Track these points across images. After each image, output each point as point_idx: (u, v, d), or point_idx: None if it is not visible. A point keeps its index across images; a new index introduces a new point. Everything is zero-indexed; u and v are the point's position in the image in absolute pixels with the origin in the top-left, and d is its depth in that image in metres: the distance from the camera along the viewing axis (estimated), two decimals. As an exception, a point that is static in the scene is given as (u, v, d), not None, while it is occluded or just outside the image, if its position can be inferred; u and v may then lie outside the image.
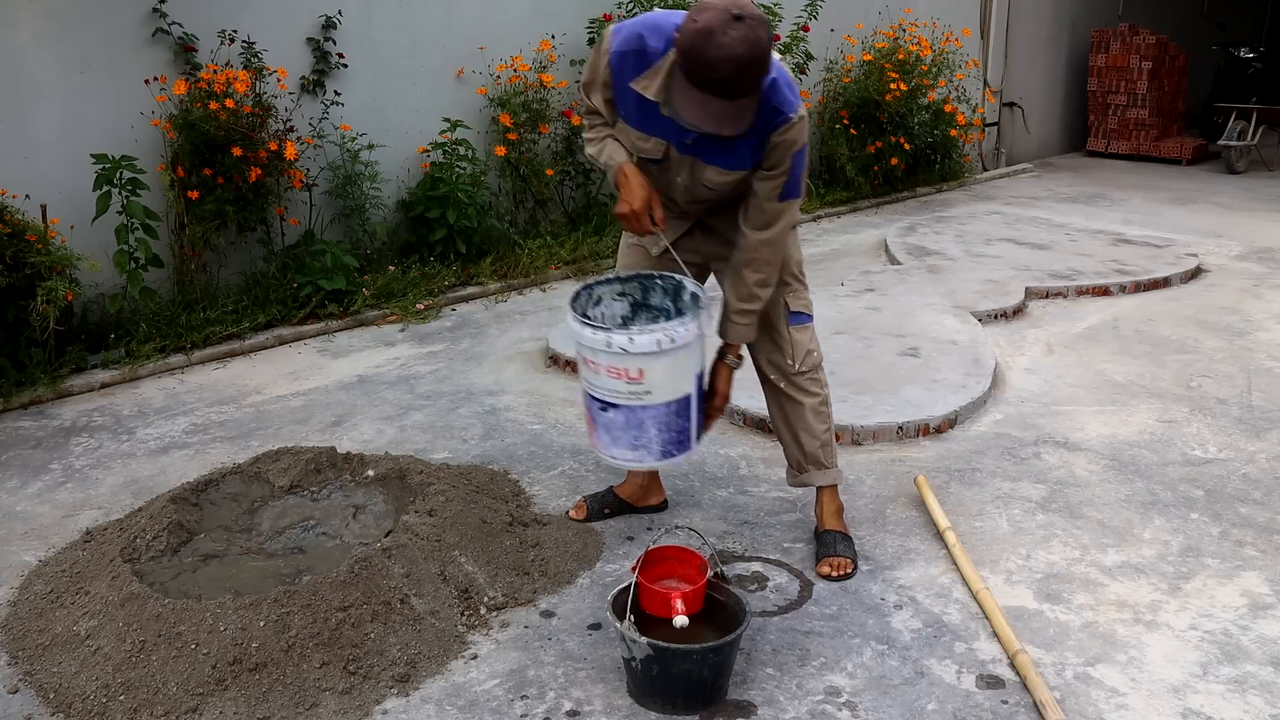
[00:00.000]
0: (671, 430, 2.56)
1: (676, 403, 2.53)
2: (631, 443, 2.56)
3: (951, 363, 4.34)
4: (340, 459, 3.26)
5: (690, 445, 2.63)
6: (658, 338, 2.42)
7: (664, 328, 2.43)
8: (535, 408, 4.05)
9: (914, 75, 7.78)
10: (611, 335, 2.44)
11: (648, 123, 2.53)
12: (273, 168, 4.92)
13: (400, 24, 5.67)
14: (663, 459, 2.59)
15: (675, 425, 2.56)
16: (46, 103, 4.49)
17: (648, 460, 2.59)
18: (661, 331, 2.42)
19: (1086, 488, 3.39)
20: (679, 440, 2.59)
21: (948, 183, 8.78)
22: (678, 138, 2.52)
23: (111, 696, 2.30)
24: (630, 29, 2.48)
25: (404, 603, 2.57)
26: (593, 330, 2.47)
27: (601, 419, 2.58)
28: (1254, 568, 2.92)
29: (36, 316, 4.05)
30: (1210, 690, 2.40)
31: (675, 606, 2.35)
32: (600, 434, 2.62)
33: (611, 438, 2.58)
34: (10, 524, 3.16)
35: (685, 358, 2.50)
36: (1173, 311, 5.30)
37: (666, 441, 2.56)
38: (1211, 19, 12.37)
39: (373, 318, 5.14)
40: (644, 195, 2.55)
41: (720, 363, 2.76)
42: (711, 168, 2.56)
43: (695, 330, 2.48)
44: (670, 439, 2.57)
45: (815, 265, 6.25)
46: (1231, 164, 9.69)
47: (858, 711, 2.32)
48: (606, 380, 2.50)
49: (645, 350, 2.42)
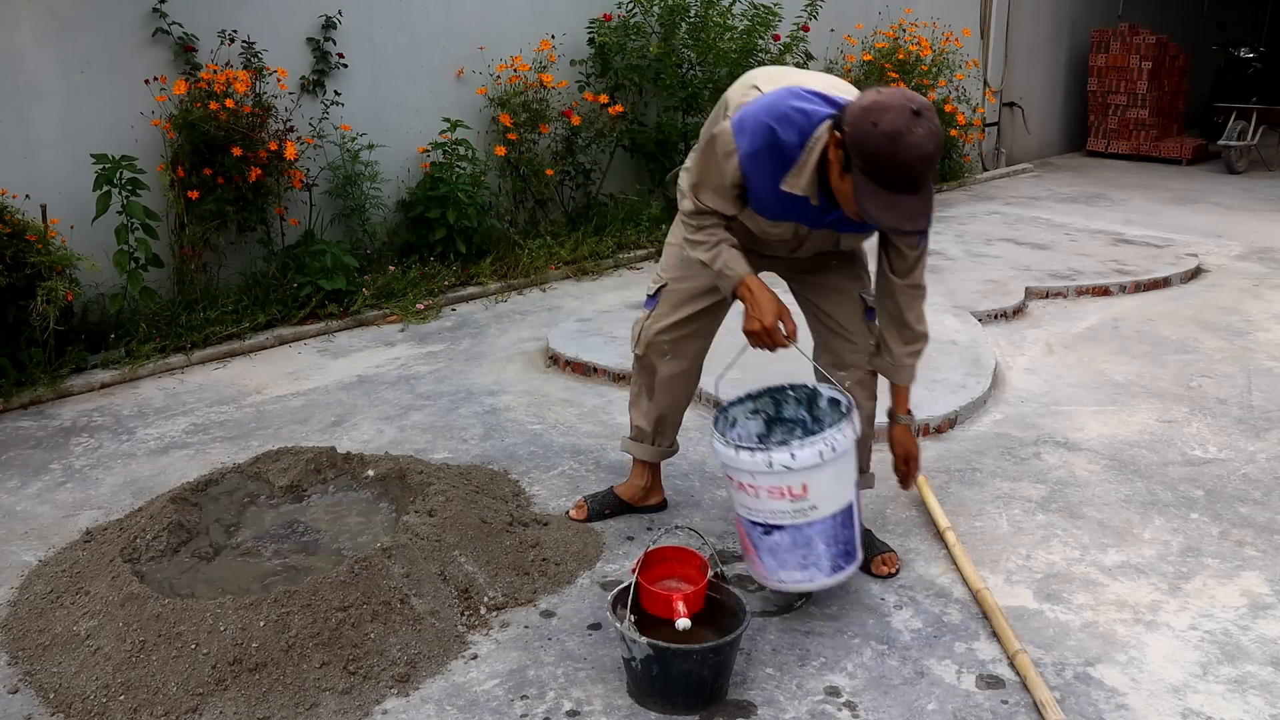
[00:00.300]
0: (839, 543, 2.48)
1: (841, 513, 2.47)
2: (800, 563, 2.48)
3: (951, 363, 4.34)
4: (340, 459, 3.26)
5: (856, 555, 2.55)
6: (819, 449, 2.35)
7: (824, 437, 2.35)
8: (535, 408, 4.05)
9: (914, 75, 7.78)
10: (772, 454, 2.37)
11: (784, 211, 2.48)
12: (273, 168, 4.92)
13: (400, 24, 5.67)
14: (833, 574, 2.50)
15: (841, 537, 2.48)
16: (46, 103, 4.49)
17: (818, 579, 2.50)
18: (823, 441, 2.35)
19: (1086, 488, 3.39)
20: (846, 552, 2.51)
21: (948, 183, 8.78)
22: (814, 221, 2.49)
23: (111, 696, 2.30)
24: (755, 123, 2.37)
25: (404, 603, 2.57)
26: (750, 453, 2.40)
27: (765, 544, 2.49)
28: (1254, 568, 2.92)
29: (36, 316, 4.05)
30: (1210, 690, 2.40)
31: (677, 609, 2.35)
32: (764, 559, 2.53)
33: (778, 561, 2.50)
34: (10, 524, 3.16)
35: (846, 464, 2.44)
36: (1173, 311, 5.30)
37: (835, 555, 2.49)
38: (1211, 19, 12.38)
39: (373, 318, 5.14)
40: (774, 309, 2.49)
41: (895, 425, 2.74)
42: (848, 235, 2.59)
43: (852, 434, 2.41)
44: (838, 552, 2.49)
45: (815, 265, 6.25)
46: (1231, 164, 9.69)
47: (858, 711, 2.32)
48: (768, 503, 2.43)
49: (808, 464, 2.36)
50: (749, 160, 2.39)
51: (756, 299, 2.50)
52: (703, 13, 6.64)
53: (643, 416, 3.06)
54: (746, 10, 6.85)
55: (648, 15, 6.60)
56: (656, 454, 3.13)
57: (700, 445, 3.68)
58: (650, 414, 3.04)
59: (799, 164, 2.37)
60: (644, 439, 3.10)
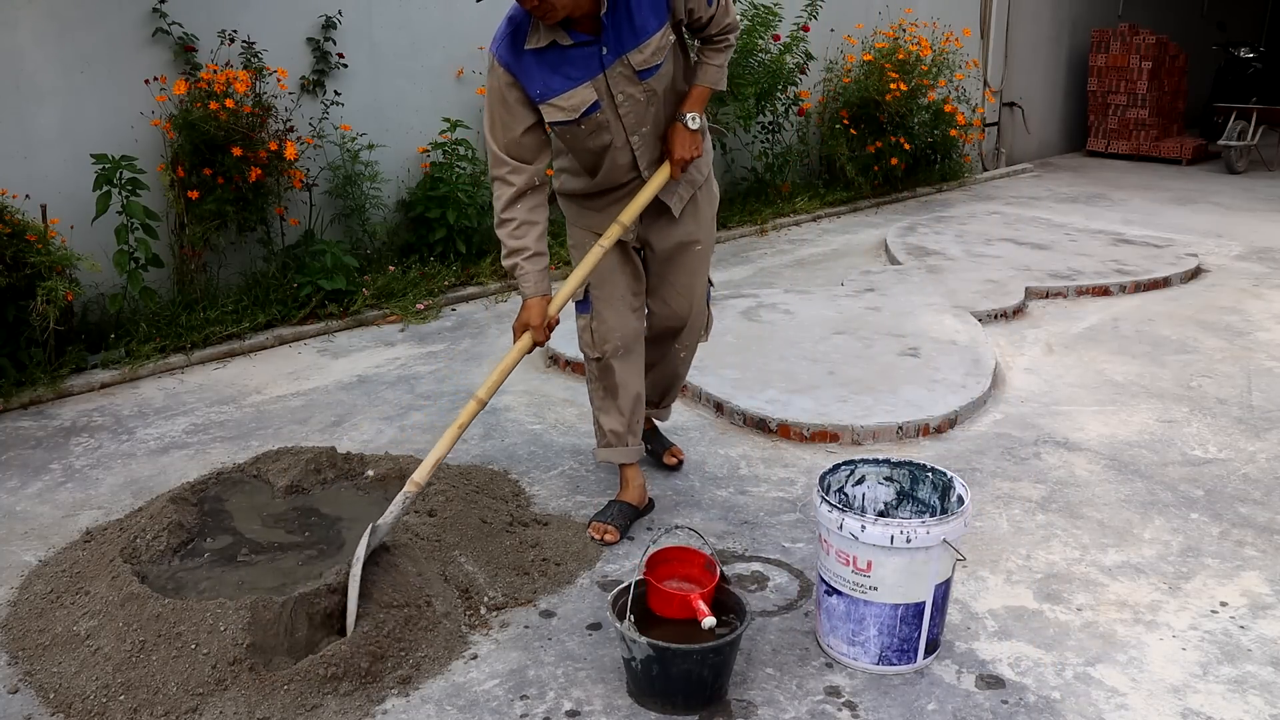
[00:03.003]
0: (894, 636, 2.40)
1: (905, 608, 2.38)
2: (849, 636, 2.44)
3: (951, 363, 4.34)
4: (340, 459, 3.26)
5: (915, 659, 2.44)
6: (892, 532, 2.30)
7: (901, 523, 2.31)
8: (535, 408, 4.05)
9: (914, 75, 7.77)
10: (845, 518, 2.35)
11: (565, 75, 2.66)
12: (273, 168, 4.92)
13: (400, 24, 5.67)
14: (878, 664, 2.43)
15: (900, 632, 2.40)
16: (46, 103, 4.49)
17: (862, 660, 2.44)
18: (898, 527, 2.30)
19: (1086, 488, 3.39)
20: (901, 649, 2.42)
21: (948, 183, 8.78)
22: (591, 62, 2.66)
23: (111, 696, 2.30)
24: (495, 36, 2.69)
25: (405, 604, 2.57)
26: (828, 509, 2.40)
27: (825, 603, 2.48)
28: (1254, 568, 2.92)
29: (36, 316, 4.05)
30: (1210, 690, 2.40)
31: (701, 609, 2.34)
32: (822, 618, 2.52)
33: (830, 625, 2.48)
34: (10, 524, 3.16)
35: (924, 563, 2.35)
36: (1173, 311, 5.30)
37: (885, 647, 2.41)
38: (1211, 19, 12.37)
39: (373, 318, 5.14)
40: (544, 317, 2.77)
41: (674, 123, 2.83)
42: (634, 54, 2.67)
43: (939, 535, 2.32)
44: (891, 645, 2.41)
45: (815, 265, 6.25)
46: (1231, 164, 9.69)
47: (858, 711, 2.32)
48: (834, 564, 2.42)
49: (875, 542, 2.32)
50: (509, 56, 2.65)
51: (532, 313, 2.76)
52: (703, 13, 6.63)
53: (615, 419, 3.06)
54: (746, 10, 6.85)
55: (648, 15, 6.59)
56: (639, 451, 3.14)
57: (700, 445, 3.69)
58: (623, 411, 3.04)
59: (531, 23, 2.62)
60: (621, 441, 3.08)
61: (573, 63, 2.65)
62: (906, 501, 2.64)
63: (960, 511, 2.40)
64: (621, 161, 2.82)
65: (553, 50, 2.63)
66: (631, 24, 2.63)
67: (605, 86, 2.69)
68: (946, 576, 2.42)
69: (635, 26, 2.64)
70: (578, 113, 2.69)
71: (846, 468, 2.62)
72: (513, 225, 2.76)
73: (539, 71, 2.65)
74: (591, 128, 2.73)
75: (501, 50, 2.66)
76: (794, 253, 6.58)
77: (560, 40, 2.62)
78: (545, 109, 2.69)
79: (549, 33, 2.60)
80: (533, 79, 2.66)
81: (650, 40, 2.66)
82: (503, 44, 2.66)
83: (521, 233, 2.76)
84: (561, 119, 2.70)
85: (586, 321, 3.00)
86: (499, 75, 2.67)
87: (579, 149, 2.82)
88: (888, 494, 2.65)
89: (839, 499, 2.61)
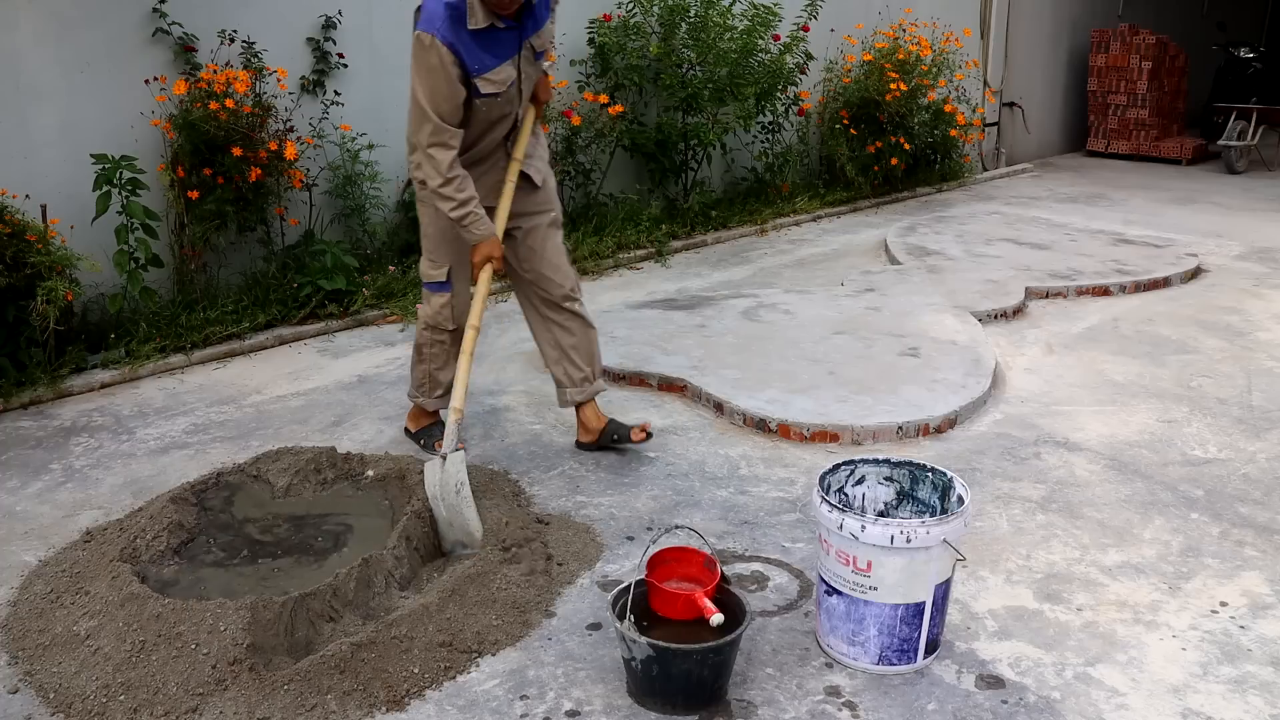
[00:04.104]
0: (894, 636, 2.41)
1: (905, 608, 2.38)
2: (849, 636, 2.45)
3: (951, 363, 4.34)
4: (340, 459, 3.27)
5: (916, 659, 2.45)
6: (892, 532, 2.31)
7: (902, 523, 2.32)
8: (535, 408, 4.05)
9: (914, 75, 7.77)
10: (845, 518, 2.36)
11: (496, 54, 3.08)
12: (273, 168, 4.92)
13: (400, 24, 5.64)
14: (878, 664, 2.44)
15: (900, 633, 2.41)
16: (46, 103, 4.49)
17: (862, 661, 2.45)
18: (898, 527, 2.31)
19: (1086, 488, 3.39)
20: (901, 649, 2.43)
21: (948, 183, 8.78)
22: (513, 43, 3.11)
23: (111, 696, 2.30)
24: (432, 12, 2.98)
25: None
26: (828, 509, 2.40)
27: (825, 603, 2.49)
28: (1254, 568, 2.92)
29: (36, 316, 4.05)
30: (1210, 690, 2.40)
31: (707, 606, 2.34)
32: (821, 618, 2.53)
33: (830, 625, 2.49)
34: (10, 524, 3.16)
35: (925, 563, 2.35)
36: (1173, 311, 5.30)
37: (885, 647, 2.42)
38: (1211, 19, 12.37)
39: (373, 318, 5.14)
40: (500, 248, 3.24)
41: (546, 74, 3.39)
42: (534, 38, 3.18)
43: (939, 535, 2.33)
44: (891, 645, 2.42)
45: (815, 265, 6.25)
46: (1231, 164, 9.69)
47: (858, 711, 2.32)
48: (834, 564, 2.43)
49: (875, 542, 2.33)
50: (450, 36, 2.97)
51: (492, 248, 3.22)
52: (702, 13, 6.64)
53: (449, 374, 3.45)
54: (746, 10, 6.85)
55: (647, 15, 6.60)
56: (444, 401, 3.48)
57: (700, 445, 3.69)
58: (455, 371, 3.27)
59: (469, 6, 2.98)
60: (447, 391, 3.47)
61: (501, 43, 3.10)
62: (906, 501, 2.64)
63: (960, 511, 2.40)
64: (502, 133, 3.28)
65: (489, 31, 3.05)
66: (534, 14, 3.14)
67: (518, 64, 3.17)
68: (946, 576, 2.42)
69: (537, 16, 3.16)
70: (504, 85, 3.15)
71: (846, 468, 2.62)
72: (458, 180, 3.12)
73: (477, 49, 3.05)
74: (506, 99, 3.19)
75: (444, 30, 2.99)
76: (794, 253, 6.58)
77: (495, 23, 3.05)
78: (480, 82, 3.09)
79: (487, 16, 3.02)
80: (472, 55, 3.04)
81: (546, 28, 3.23)
82: (444, 25, 2.98)
83: (464, 185, 3.14)
84: (491, 90, 3.12)
85: (447, 299, 3.41)
86: (441, 52, 2.99)
87: (484, 119, 3.21)
88: (888, 494, 2.66)
89: (839, 499, 2.61)
